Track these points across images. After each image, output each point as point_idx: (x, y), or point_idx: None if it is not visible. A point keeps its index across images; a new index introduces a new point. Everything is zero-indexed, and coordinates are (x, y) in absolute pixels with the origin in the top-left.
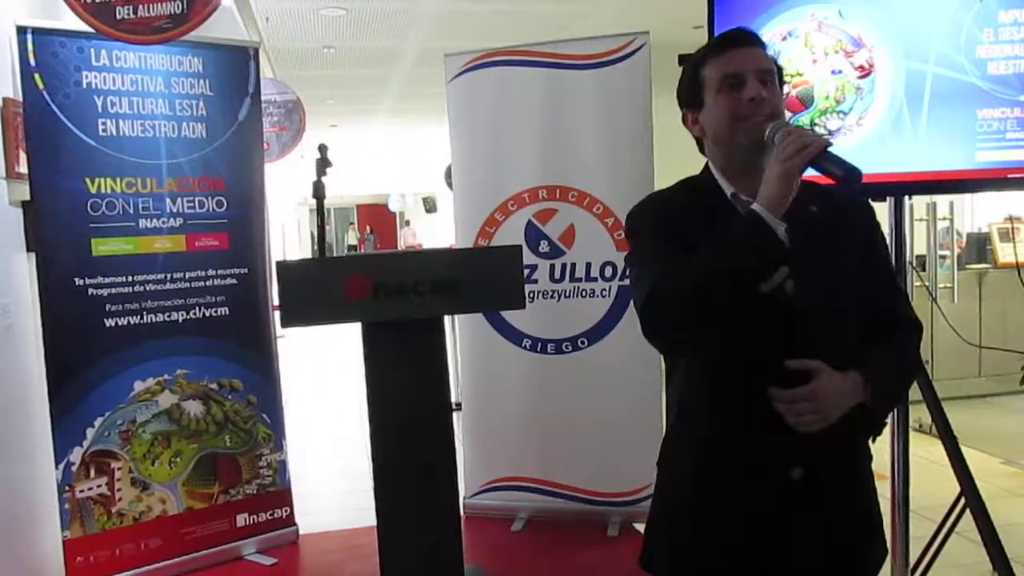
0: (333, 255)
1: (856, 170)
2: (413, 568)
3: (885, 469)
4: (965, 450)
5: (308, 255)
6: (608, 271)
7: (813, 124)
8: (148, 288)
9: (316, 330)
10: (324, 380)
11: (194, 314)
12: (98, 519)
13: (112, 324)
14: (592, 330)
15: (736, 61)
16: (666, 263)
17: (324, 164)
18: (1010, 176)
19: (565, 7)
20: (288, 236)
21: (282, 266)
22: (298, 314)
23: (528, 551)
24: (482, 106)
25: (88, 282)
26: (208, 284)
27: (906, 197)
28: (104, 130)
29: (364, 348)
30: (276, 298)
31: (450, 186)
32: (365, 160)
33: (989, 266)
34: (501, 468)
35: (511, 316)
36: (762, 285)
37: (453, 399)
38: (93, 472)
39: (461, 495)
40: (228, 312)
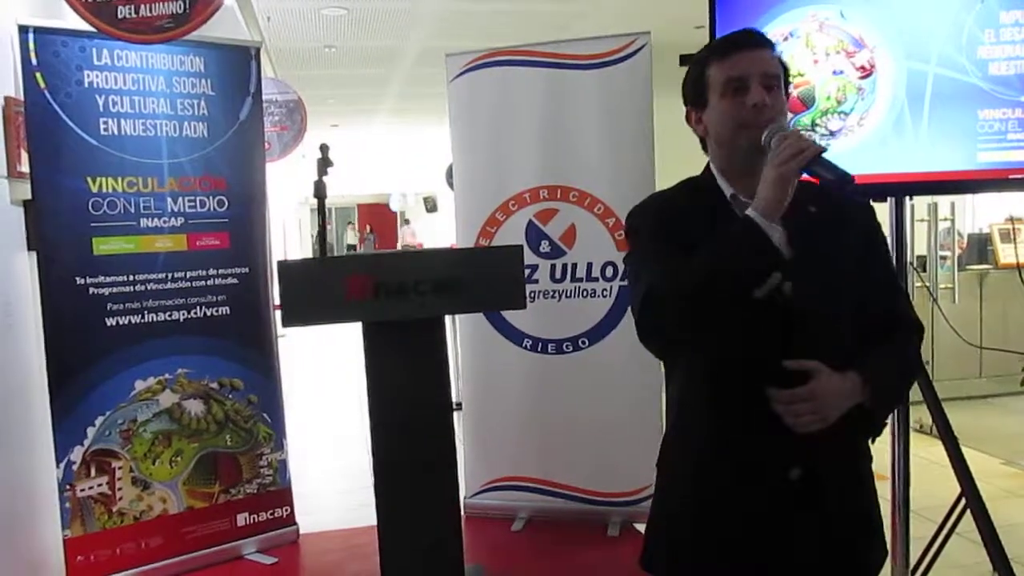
0: (333, 255)
1: (848, 176)
2: (413, 568)
3: (885, 470)
4: (965, 451)
5: (309, 255)
6: (609, 271)
7: (814, 125)
8: (149, 287)
9: (317, 330)
10: (325, 380)
11: (195, 313)
12: (99, 518)
13: (113, 323)
14: (593, 330)
15: (741, 65)
16: (666, 263)
17: (325, 164)
18: (1011, 177)
19: (566, 7)
20: (289, 236)
21: (283, 266)
22: (299, 314)
23: (528, 551)
24: (483, 106)
25: (89, 281)
26: (209, 283)
27: (907, 198)
28: (105, 129)
29: (365, 348)
30: (277, 298)
31: (451, 186)
32: (366, 160)
33: (990, 267)
34: (501, 468)
35: (512, 316)
36: (756, 291)
37: (453, 399)
38: (94, 471)
39: (461, 495)
40: (229, 311)
